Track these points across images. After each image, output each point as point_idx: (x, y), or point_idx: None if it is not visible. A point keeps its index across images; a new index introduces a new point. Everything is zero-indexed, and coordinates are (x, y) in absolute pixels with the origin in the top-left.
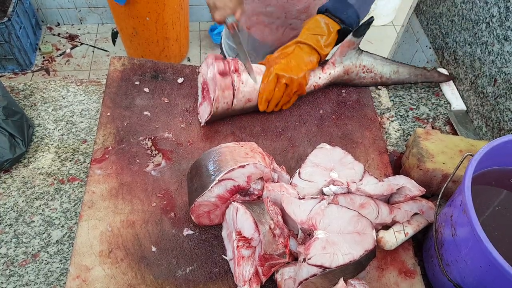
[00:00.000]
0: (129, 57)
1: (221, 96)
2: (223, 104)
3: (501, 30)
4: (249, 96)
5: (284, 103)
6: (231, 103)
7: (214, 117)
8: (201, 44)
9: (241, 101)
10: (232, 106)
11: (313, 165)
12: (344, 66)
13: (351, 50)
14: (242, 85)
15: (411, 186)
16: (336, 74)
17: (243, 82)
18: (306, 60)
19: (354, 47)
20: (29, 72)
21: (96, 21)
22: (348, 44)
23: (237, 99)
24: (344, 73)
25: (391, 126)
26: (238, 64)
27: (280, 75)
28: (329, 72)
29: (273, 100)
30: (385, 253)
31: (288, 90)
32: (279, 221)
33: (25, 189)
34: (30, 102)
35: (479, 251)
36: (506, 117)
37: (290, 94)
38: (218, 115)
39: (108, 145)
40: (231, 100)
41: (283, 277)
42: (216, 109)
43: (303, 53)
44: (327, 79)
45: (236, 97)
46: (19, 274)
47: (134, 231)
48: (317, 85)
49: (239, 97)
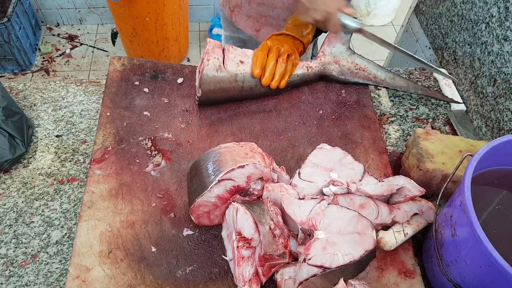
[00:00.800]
0: (129, 57)
1: (212, 51)
2: (214, 59)
3: (501, 30)
4: (241, 58)
5: (281, 75)
6: (223, 61)
7: (207, 77)
8: (200, 45)
9: (233, 62)
10: (224, 63)
11: (313, 166)
12: (334, 56)
13: (340, 44)
14: (231, 48)
15: (410, 187)
16: (327, 61)
17: (233, 47)
18: (291, 43)
19: (342, 42)
20: (29, 72)
21: (96, 21)
22: (335, 35)
23: (228, 58)
24: (334, 62)
25: (391, 126)
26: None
27: (271, 43)
28: (320, 59)
29: (267, 67)
30: (385, 253)
31: (282, 55)
32: (279, 221)
33: (24, 189)
34: (29, 103)
35: (479, 251)
36: (506, 117)
37: (284, 60)
38: (211, 74)
39: (107, 145)
40: (222, 58)
41: (283, 278)
42: (208, 62)
43: (287, 38)
44: (318, 64)
45: (227, 55)
46: (18, 274)
47: (134, 232)
48: (309, 66)
49: (230, 56)
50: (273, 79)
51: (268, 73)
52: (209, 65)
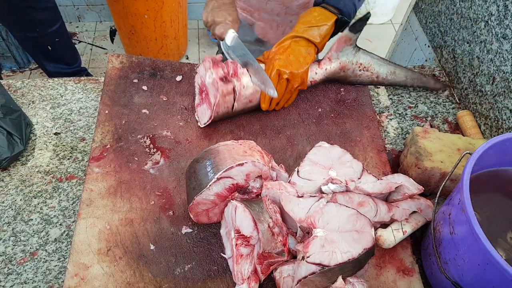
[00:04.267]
0: (128, 55)
1: (222, 101)
2: (223, 108)
3: (500, 29)
4: (251, 97)
5: (285, 100)
6: (232, 107)
7: (213, 120)
8: (199, 42)
9: (242, 103)
10: (232, 109)
11: (311, 164)
12: (341, 62)
13: (348, 46)
14: (243, 89)
15: (409, 185)
16: (332, 69)
17: (244, 86)
18: (304, 53)
19: (351, 43)
20: (27, 70)
21: (94, 19)
22: (345, 39)
23: (238, 103)
24: (340, 69)
25: (390, 125)
26: (237, 67)
27: (281, 71)
28: (325, 67)
29: (273, 102)
30: (384, 251)
31: (290, 86)
32: (278, 219)
33: (23, 187)
34: (28, 100)
35: (477, 249)
36: (505, 116)
37: (291, 90)
38: (218, 118)
39: (106, 143)
40: (232, 104)
41: (282, 275)
42: (217, 114)
43: (300, 47)
44: (323, 75)
45: (237, 100)
46: (17, 272)
47: (133, 229)
48: (313, 81)
49: (241, 100)
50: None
51: (273, 103)
52: (218, 113)
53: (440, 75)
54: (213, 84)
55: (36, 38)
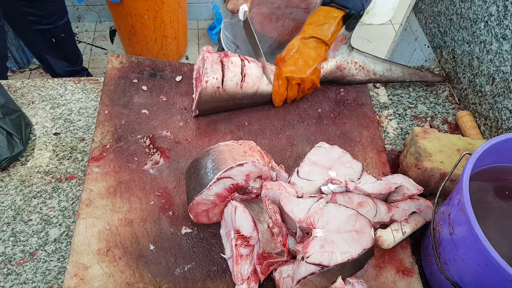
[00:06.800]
0: (127, 55)
1: (210, 69)
2: (212, 79)
3: (500, 29)
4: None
5: (300, 97)
6: (221, 81)
7: (204, 99)
8: (199, 43)
9: (232, 81)
10: (222, 85)
11: (311, 164)
12: (337, 61)
13: (343, 45)
14: (231, 64)
15: (409, 185)
16: (329, 68)
17: (232, 62)
18: (313, 55)
19: (346, 42)
20: (27, 70)
21: (94, 19)
22: (341, 38)
23: (228, 78)
24: (337, 68)
25: (389, 125)
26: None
27: (290, 77)
28: (322, 66)
29: (288, 99)
30: (383, 251)
31: (301, 88)
32: (277, 219)
33: (22, 187)
34: (27, 101)
35: (477, 249)
36: (504, 116)
37: (304, 91)
38: (209, 96)
39: (106, 143)
40: (221, 77)
41: (282, 276)
42: (206, 84)
43: (309, 49)
44: (321, 74)
45: (226, 75)
46: (16, 272)
47: (132, 230)
48: None
49: (230, 75)
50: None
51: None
52: (207, 88)
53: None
54: (202, 58)
55: (43, 31)
